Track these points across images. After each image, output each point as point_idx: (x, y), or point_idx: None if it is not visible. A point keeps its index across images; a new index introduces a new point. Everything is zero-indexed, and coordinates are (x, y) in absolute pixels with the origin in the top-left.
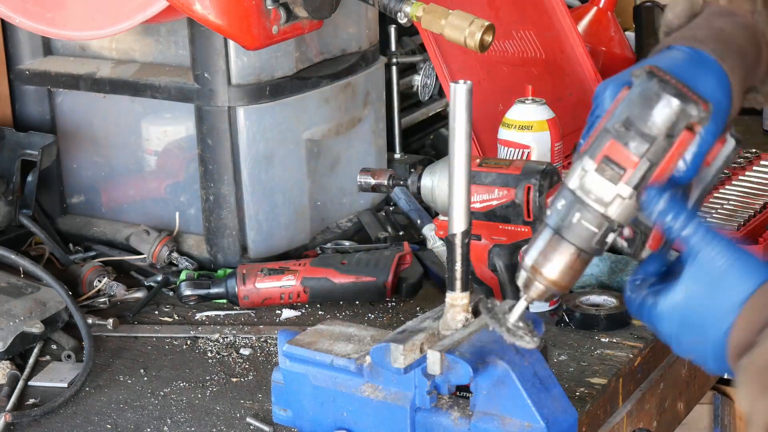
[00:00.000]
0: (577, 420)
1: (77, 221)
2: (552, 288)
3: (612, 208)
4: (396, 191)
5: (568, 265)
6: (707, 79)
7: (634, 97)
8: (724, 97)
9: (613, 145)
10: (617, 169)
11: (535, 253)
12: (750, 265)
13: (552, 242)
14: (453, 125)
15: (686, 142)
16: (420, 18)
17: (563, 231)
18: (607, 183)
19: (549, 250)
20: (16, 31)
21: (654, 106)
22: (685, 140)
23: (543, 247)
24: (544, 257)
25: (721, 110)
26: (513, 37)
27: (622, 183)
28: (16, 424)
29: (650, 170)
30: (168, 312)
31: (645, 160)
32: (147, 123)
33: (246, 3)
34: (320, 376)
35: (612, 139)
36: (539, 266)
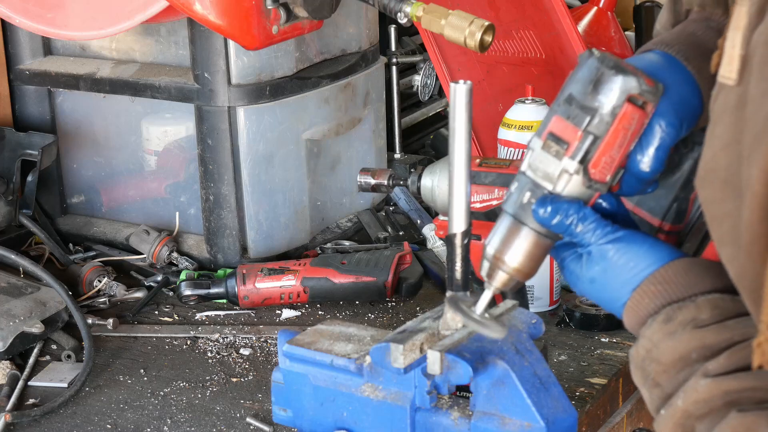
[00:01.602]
0: (577, 420)
1: (77, 221)
2: (515, 275)
3: (560, 185)
4: (396, 191)
5: (528, 250)
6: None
7: (576, 74)
8: (691, 95)
9: (556, 120)
10: (561, 143)
11: (495, 241)
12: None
13: (511, 228)
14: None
15: (630, 116)
16: (420, 18)
17: (520, 215)
18: (552, 159)
19: (509, 237)
20: (16, 31)
21: (593, 79)
22: (628, 114)
23: (503, 234)
24: (504, 244)
25: (689, 108)
26: (513, 37)
27: (566, 158)
28: (16, 424)
29: (594, 144)
30: (168, 312)
31: (587, 133)
32: (147, 123)
33: (246, 3)
34: (320, 376)
35: (555, 116)
36: (500, 254)
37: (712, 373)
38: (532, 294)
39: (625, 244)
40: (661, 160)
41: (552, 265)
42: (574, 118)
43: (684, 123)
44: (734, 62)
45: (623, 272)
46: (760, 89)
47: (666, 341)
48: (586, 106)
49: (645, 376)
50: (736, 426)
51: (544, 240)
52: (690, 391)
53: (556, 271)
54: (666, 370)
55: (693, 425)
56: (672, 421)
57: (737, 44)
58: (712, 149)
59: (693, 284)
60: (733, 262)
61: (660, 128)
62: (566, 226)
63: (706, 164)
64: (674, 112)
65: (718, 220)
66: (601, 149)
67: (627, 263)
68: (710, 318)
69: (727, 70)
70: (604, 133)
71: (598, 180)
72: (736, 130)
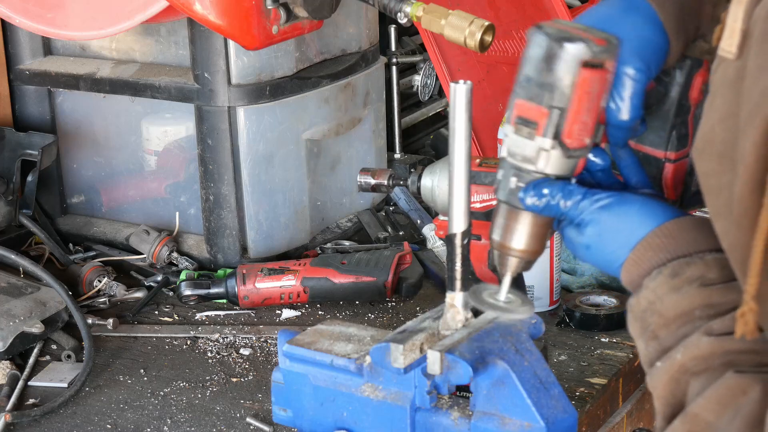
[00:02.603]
0: (577, 420)
1: (77, 221)
2: (524, 257)
3: (540, 163)
4: (396, 191)
5: (530, 231)
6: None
7: (528, 53)
8: (652, 33)
9: (519, 104)
10: (530, 125)
11: (498, 230)
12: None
13: (508, 215)
14: (453, 125)
15: (589, 80)
16: (420, 18)
17: (512, 200)
18: (526, 141)
19: (509, 223)
20: (16, 31)
21: (543, 55)
22: (587, 79)
23: (503, 222)
24: (506, 231)
25: (652, 47)
26: (513, 37)
27: (538, 137)
28: (16, 424)
29: (562, 116)
30: (168, 312)
31: (552, 108)
32: (147, 123)
33: (246, 3)
34: (320, 376)
35: (517, 99)
36: (506, 241)
37: (716, 332)
38: (532, 294)
39: (617, 207)
40: (637, 106)
41: (552, 265)
42: (536, 97)
43: (652, 63)
44: (735, 36)
45: (619, 233)
46: (757, 63)
47: (671, 295)
48: (544, 82)
49: (644, 327)
50: (732, 386)
51: (542, 218)
52: (691, 346)
53: (556, 272)
54: (667, 324)
55: (688, 381)
56: (668, 373)
57: (739, 18)
58: (710, 121)
59: (700, 241)
60: (727, 234)
61: (627, 76)
62: (555, 207)
63: (703, 136)
64: (638, 56)
65: (714, 192)
66: (570, 119)
67: (622, 224)
68: (718, 278)
69: (728, 43)
70: (568, 103)
71: (577, 147)
72: (733, 104)
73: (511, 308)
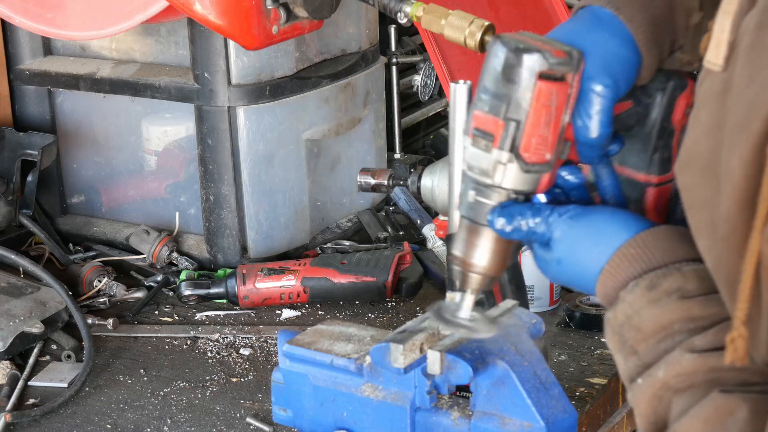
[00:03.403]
0: (577, 420)
1: (77, 221)
2: (487, 273)
3: (497, 176)
4: (396, 191)
5: (492, 248)
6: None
7: (486, 64)
8: (620, 47)
9: (477, 115)
10: (487, 136)
11: (459, 246)
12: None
13: (470, 230)
14: (453, 125)
15: (546, 92)
16: (420, 18)
17: (472, 216)
18: (483, 154)
19: (471, 239)
20: (16, 31)
21: (499, 65)
22: (544, 91)
23: (464, 237)
24: (468, 247)
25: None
26: None
27: (495, 149)
28: (16, 424)
29: (518, 129)
30: (168, 312)
31: (508, 120)
32: (147, 123)
33: (246, 3)
34: (320, 376)
35: (475, 110)
36: (468, 257)
37: (698, 349)
38: (532, 294)
39: (586, 217)
40: (606, 123)
41: None
42: (493, 109)
43: (620, 79)
44: (722, 47)
45: (592, 244)
46: (744, 75)
47: (649, 309)
48: (501, 94)
49: (622, 342)
50: (718, 405)
51: None
52: (673, 363)
53: None
54: (646, 338)
55: (671, 398)
56: (650, 390)
57: (726, 29)
58: (694, 133)
59: (677, 251)
60: (710, 251)
61: (593, 92)
62: (524, 230)
63: (687, 149)
64: (604, 71)
65: (696, 207)
66: (527, 132)
67: (594, 234)
68: (697, 289)
69: (714, 55)
70: (525, 116)
71: (536, 162)
72: (719, 117)
73: (474, 327)
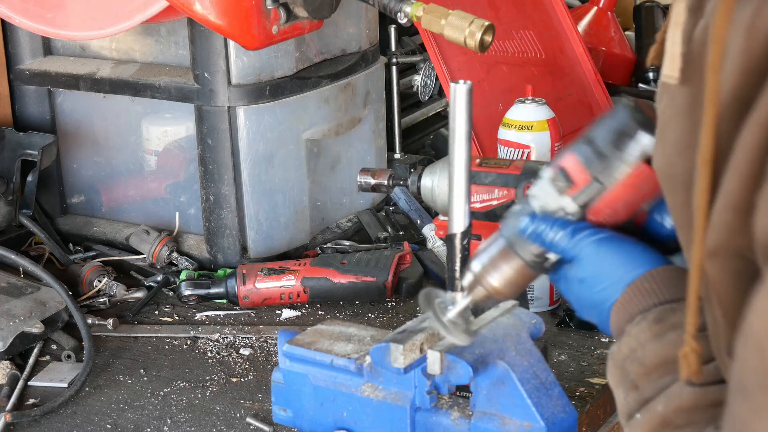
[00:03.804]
0: (577, 420)
1: (77, 221)
2: (494, 295)
3: None
4: (396, 191)
5: (512, 277)
6: None
7: (605, 118)
8: None
9: (570, 158)
10: (568, 181)
11: (484, 259)
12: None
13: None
14: (453, 125)
15: (644, 176)
16: (420, 18)
17: (513, 242)
18: (555, 193)
19: (498, 259)
20: (16, 31)
21: (617, 129)
22: (642, 174)
23: (493, 255)
24: (491, 265)
25: None
26: (513, 37)
27: (568, 197)
28: (16, 424)
29: (599, 193)
30: (168, 312)
31: (596, 180)
32: (147, 123)
33: (246, 3)
34: (320, 376)
35: (571, 153)
36: (485, 273)
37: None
38: (532, 294)
39: (616, 242)
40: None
41: None
42: (588, 161)
43: None
44: (676, 60)
45: (616, 268)
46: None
47: (653, 343)
48: (603, 153)
49: (624, 377)
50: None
51: (529, 271)
52: (673, 397)
53: None
54: (648, 372)
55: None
56: (648, 426)
57: (677, 41)
58: (665, 153)
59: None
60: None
61: None
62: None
63: (662, 170)
64: None
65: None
66: (605, 200)
67: (620, 259)
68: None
69: (669, 68)
70: (611, 184)
71: None
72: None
73: (452, 329)
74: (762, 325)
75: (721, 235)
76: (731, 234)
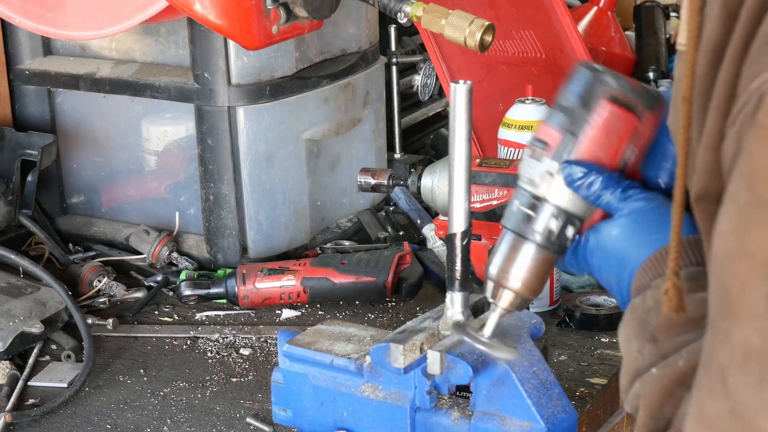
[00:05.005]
0: (577, 420)
1: (77, 221)
2: (522, 293)
3: (543, 188)
4: (396, 191)
5: (532, 266)
6: None
7: (564, 84)
8: None
9: (540, 127)
10: (542, 146)
11: (498, 259)
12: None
13: (512, 244)
14: (453, 125)
15: (613, 116)
16: (420, 18)
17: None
18: (536, 163)
19: (511, 254)
20: (16, 31)
21: (575, 82)
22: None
23: (505, 251)
24: (507, 262)
25: None
26: (513, 37)
27: (547, 158)
28: (16, 424)
29: (573, 144)
30: (168, 312)
31: (566, 132)
32: (147, 123)
33: (246, 3)
34: (320, 376)
35: (541, 123)
36: (504, 272)
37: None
38: None
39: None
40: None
41: None
42: (557, 121)
43: None
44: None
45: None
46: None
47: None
48: (568, 108)
49: (642, 329)
50: None
51: (545, 254)
52: (696, 351)
53: (556, 272)
54: (670, 326)
55: (681, 396)
56: (663, 382)
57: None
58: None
59: None
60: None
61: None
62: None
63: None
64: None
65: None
66: (582, 150)
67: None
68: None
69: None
70: (580, 130)
71: None
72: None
73: (497, 347)
74: (720, 244)
75: (704, 179)
76: (712, 177)
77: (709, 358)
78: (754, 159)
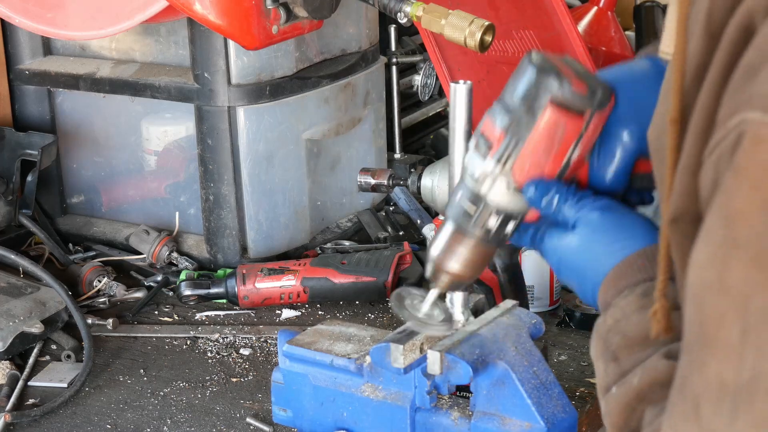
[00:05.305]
0: (577, 420)
1: (77, 221)
2: (457, 280)
3: (484, 187)
4: (396, 191)
5: (469, 258)
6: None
7: (511, 76)
8: None
9: (485, 121)
10: (486, 143)
11: (438, 246)
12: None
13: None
14: (453, 125)
15: (554, 120)
16: (420, 18)
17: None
18: (479, 160)
19: (451, 243)
20: (16, 31)
21: (520, 80)
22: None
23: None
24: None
25: None
26: (513, 37)
27: (489, 159)
28: (16, 424)
29: (516, 146)
30: (168, 312)
31: (509, 134)
32: (147, 123)
33: (246, 3)
34: (320, 376)
35: (486, 116)
36: (442, 260)
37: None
38: (532, 294)
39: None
40: (622, 171)
41: None
42: (500, 119)
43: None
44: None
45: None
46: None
47: (637, 315)
48: (511, 106)
49: (606, 348)
50: None
51: (485, 246)
52: (649, 369)
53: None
54: (629, 345)
55: (643, 410)
56: (624, 400)
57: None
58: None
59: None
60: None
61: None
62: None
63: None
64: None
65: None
66: (523, 153)
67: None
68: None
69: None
70: (527, 136)
71: None
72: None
73: (429, 322)
74: (697, 276)
75: (682, 201)
76: (690, 199)
77: (683, 383)
78: (731, 198)
